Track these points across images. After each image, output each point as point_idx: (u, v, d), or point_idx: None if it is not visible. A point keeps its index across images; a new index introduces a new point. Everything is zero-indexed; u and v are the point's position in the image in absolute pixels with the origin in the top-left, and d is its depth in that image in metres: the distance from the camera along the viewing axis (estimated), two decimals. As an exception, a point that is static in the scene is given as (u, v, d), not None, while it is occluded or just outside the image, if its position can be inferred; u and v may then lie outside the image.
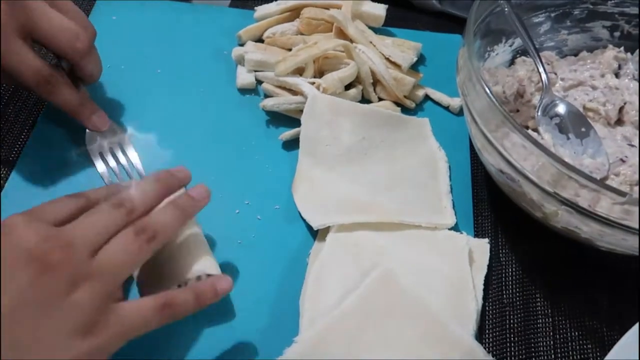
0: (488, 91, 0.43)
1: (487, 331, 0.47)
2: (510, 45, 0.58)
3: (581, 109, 0.54)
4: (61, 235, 0.35)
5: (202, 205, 0.42)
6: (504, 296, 0.49)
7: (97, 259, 0.35)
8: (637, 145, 0.52)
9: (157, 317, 0.37)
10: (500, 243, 0.52)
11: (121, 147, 0.51)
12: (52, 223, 0.36)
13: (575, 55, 0.60)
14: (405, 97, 0.58)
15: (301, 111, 0.54)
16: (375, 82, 0.58)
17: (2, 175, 0.50)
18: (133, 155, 0.51)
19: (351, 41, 0.58)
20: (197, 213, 0.43)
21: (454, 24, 0.67)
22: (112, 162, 0.51)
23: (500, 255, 0.51)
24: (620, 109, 0.54)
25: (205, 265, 0.43)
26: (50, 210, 0.37)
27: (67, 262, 0.34)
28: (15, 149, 0.52)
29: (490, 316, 0.47)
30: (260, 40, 0.61)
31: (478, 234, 0.52)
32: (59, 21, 0.45)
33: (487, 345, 0.46)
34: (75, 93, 0.48)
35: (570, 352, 0.46)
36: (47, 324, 0.33)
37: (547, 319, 0.48)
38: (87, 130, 0.51)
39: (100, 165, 0.50)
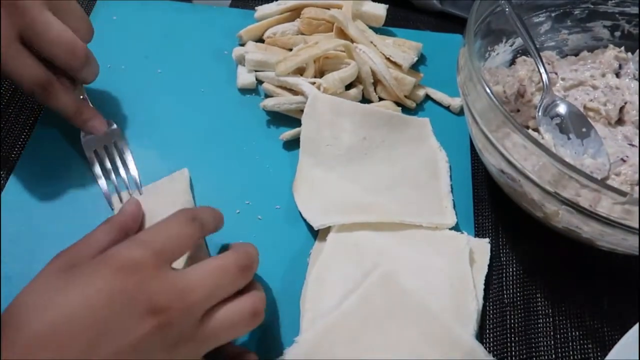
0: (489, 91, 0.43)
1: (487, 331, 0.47)
2: (511, 45, 0.58)
3: (582, 109, 0.54)
4: (185, 292, 0.34)
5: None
6: (505, 296, 0.48)
7: (207, 325, 0.35)
8: (638, 145, 0.52)
9: None
10: (500, 243, 0.52)
11: (116, 144, 0.51)
12: (173, 257, 0.36)
13: (576, 55, 0.60)
14: (405, 97, 0.58)
15: (302, 111, 0.54)
16: (376, 82, 0.58)
17: (2, 175, 0.50)
18: (128, 157, 0.51)
19: (352, 41, 0.58)
20: None
21: (455, 24, 0.67)
22: (107, 164, 0.50)
23: (501, 255, 0.51)
24: (621, 109, 0.54)
25: None
26: (168, 243, 0.36)
27: (183, 322, 0.34)
28: (16, 149, 0.52)
29: (491, 316, 0.47)
30: (260, 40, 0.61)
31: (479, 233, 0.52)
32: (56, 32, 0.44)
33: (487, 345, 0.46)
34: (73, 99, 0.48)
35: (571, 352, 0.46)
36: None
37: (547, 319, 0.48)
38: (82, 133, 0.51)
39: (94, 165, 0.50)
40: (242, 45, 0.61)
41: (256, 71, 0.58)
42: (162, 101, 0.56)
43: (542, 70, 0.52)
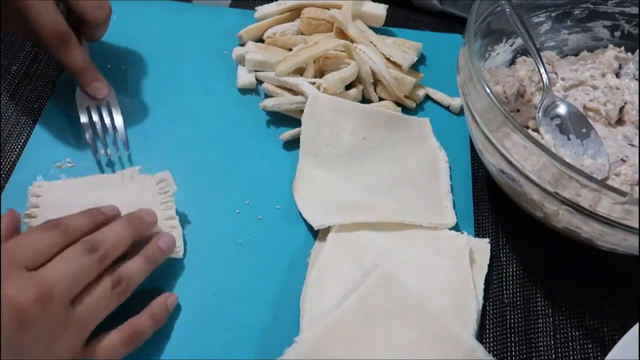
0: (489, 91, 0.43)
1: (487, 331, 0.47)
2: (511, 45, 0.58)
3: (582, 109, 0.54)
4: (40, 285, 0.35)
5: (167, 256, 0.44)
6: (505, 296, 0.49)
7: (76, 309, 0.37)
8: (638, 145, 0.52)
9: (126, 350, 0.39)
10: (500, 243, 0.52)
11: (108, 105, 0.52)
12: (31, 262, 0.36)
13: (576, 55, 0.60)
14: (405, 97, 0.58)
15: (302, 111, 0.54)
16: (376, 82, 0.58)
17: (2, 175, 0.50)
18: (118, 117, 0.52)
19: (352, 41, 0.58)
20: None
21: (455, 24, 0.67)
22: (95, 118, 0.52)
23: (501, 255, 0.51)
24: (621, 109, 0.54)
25: None
26: (28, 248, 0.37)
27: (46, 314, 0.35)
28: (16, 149, 0.52)
29: (491, 316, 0.47)
30: (260, 40, 0.61)
31: (479, 233, 0.52)
32: None
33: (487, 345, 0.46)
34: (85, 56, 0.50)
35: (571, 352, 0.46)
36: None
37: (547, 319, 0.48)
38: (78, 88, 0.52)
39: (83, 117, 0.51)
40: (242, 45, 0.61)
41: (256, 71, 0.58)
42: (162, 101, 0.56)
43: (542, 70, 0.52)
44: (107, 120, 0.52)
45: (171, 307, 0.43)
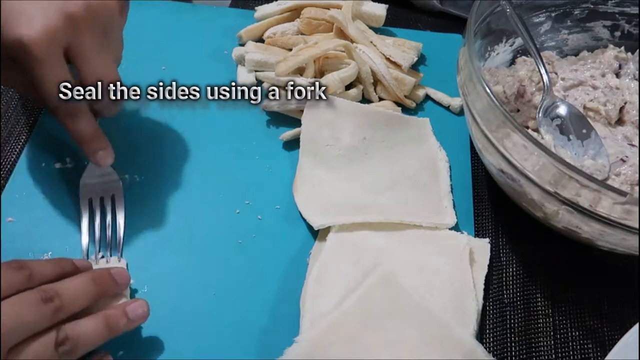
0: (489, 91, 0.43)
1: (487, 331, 0.46)
2: (511, 45, 0.58)
3: (582, 109, 0.54)
4: None
5: (132, 327, 0.39)
6: (505, 296, 0.48)
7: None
8: (638, 145, 0.52)
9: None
10: (500, 243, 0.52)
11: (112, 200, 0.48)
12: None
13: (576, 55, 0.60)
14: (405, 97, 0.58)
15: (302, 111, 0.54)
16: (376, 82, 0.58)
17: (2, 175, 0.50)
18: (120, 217, 0.48)
19: (352, 41, 0.58)
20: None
21: (455, 24, 0.67)
22: (97, 219, 0.47)
23: (501, 255, 0.51)
24: (621, 109, 0.54)
25: None
26: None
27: None
28: (16, 149, 0.52)
29: (491, 316, 0.47)
30: (260, 40, 0.61)
31: (479, 233, 0.52)
32: (102, 68, 0.42)
33: (487, 345, 0.46)
34: (93, 124, 0.44)
35: (571, 352, 0.46)
36: None
37: (547, 319, 0.48)
38: (83, 178, 0.48)
39: (83, 219, 0.47)
40: (242, 45, 0.61)
41: (256, 71, 0.58)
42: (161, 101, 0.56)
43: (542, 70, 0.52)
44: (108, 220, 0.47)
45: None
